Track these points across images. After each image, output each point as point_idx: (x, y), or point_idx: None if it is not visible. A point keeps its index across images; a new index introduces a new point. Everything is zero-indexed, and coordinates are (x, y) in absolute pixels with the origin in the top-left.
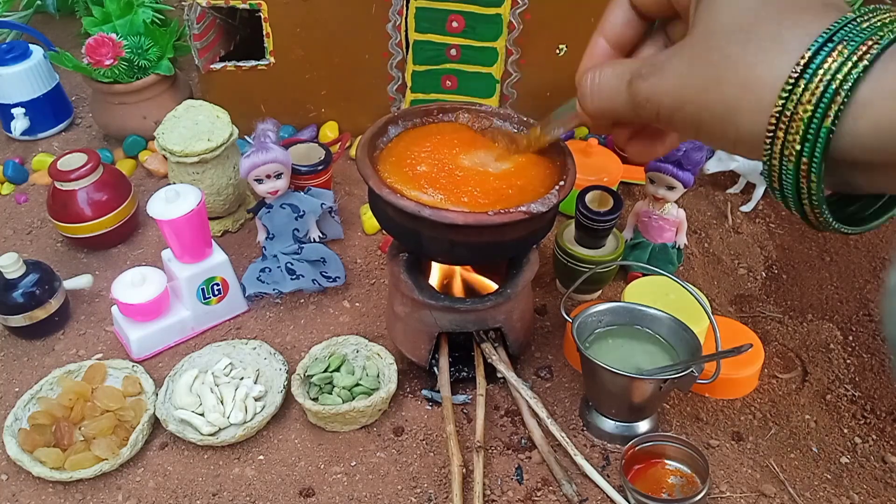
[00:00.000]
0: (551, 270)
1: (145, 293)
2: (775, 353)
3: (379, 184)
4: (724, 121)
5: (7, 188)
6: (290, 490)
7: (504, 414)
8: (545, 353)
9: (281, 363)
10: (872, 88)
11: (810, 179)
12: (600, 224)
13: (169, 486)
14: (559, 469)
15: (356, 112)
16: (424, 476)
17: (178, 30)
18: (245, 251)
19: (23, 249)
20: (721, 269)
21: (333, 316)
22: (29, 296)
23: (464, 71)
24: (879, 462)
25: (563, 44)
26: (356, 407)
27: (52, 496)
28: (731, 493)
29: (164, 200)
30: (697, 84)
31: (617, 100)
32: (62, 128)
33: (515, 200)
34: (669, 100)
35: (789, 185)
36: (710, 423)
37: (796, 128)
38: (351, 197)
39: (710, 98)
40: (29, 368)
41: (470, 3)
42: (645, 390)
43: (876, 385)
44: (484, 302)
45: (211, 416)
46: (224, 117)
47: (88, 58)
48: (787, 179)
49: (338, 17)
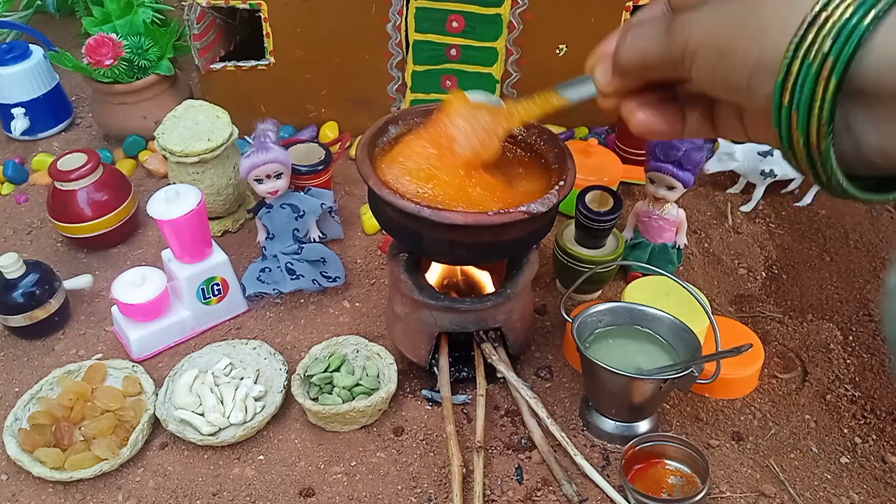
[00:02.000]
0: (551, 270)
1: (145, 293)
2: (775, 353)
3: (379, 184)
4: (754, 35)
5: (7, 188)
6: (290, 490)
7: (504, 414)
8: (545, 353)
9: (281, 363)
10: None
11: (828, 86)
12: (600, 224)
13: (169, 486)
14: (559, 469)
15: (356, 112)
16: (424, 476)
17: (178, 30)
18: (245, 251)
19: (23, 249)
20: (721, 269)
21: (333, 316)
22: (29, 296)
23: (464, 71)
24: (879, 462)
25: (563, 44)
26: (356, 407)
27: (52, 496)
28: (731, 493)
29: (164, 200)
30: (735, 6)
31: (654, 38)
32: (62, 128)
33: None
34: (704, 24)
35: (804, 97)
36: (710, 423)
37: (829, 29)
38: (351, 197)
39: (745, 14)
40: (29, 368)
41: (470, 3)
42: (645, 390)
43: (876, 385)
44: (484, 302)
45: (211, 416)
46: (224, 117)
47: (88, 58)
48: (804, 89)
49: (338, 17)
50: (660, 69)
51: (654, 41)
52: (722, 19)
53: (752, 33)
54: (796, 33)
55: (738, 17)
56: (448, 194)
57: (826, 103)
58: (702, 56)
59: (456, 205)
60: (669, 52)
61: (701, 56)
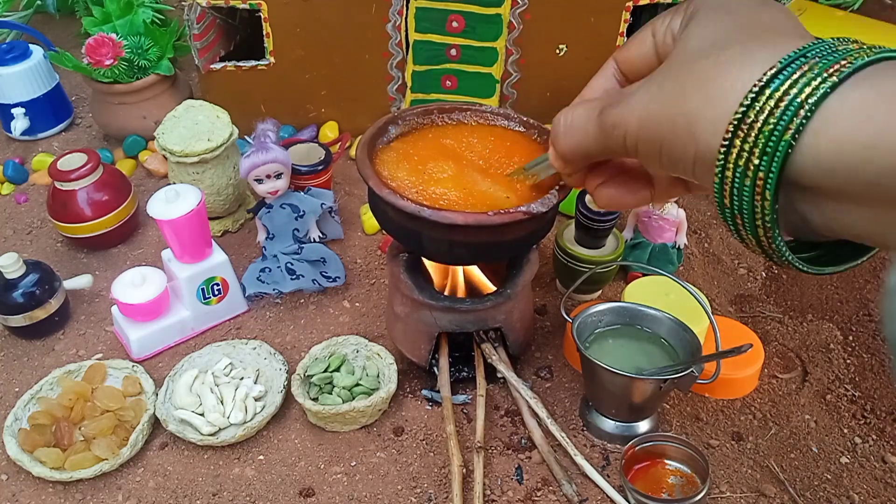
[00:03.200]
0: (551, 270)
1: (145, 293)
2: (775, 353)
3: (379, 184)
4: (686, 134)
5: (7, 188)
6: (290, 490)
7: (504, 414)
8: (545, 353)
9: (281, 363)
10: (838, 105)
11: (764, 197)
12: (600, 224)
13: (169, 486)
14: (559, 469)
15: (356, 112)
16: (424, 476)
17: (178, 30)
18: (245, 251)
19: (23, 249)
20: (721, 269)
21: (333, 316)
22: (29, 296)
23: (464, 71)
24: (879, 462)
25: (563, 44)
26: (356, 407)
27: (52, 496)
28: (731, 493)
29: (164, 200)
30: (663, 99)
31: (588, 133)
32: (62, 128)
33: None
34: (635, 120)
35: (744, 204)
36: (710, 423)
37: (755, 139)
38: (351, 197)
39: (673, 111)
40: (29, 368)
41: (470, 3)
42: (645, 390)
43: (876, 385)
44: (484, 302)
45: (211, 416)
46: (224, 117)
47: (88, 58)
48: (742, 197)
49: (338, 17)
50: (603, 156)
51: (589, 137)
52: (653, 112)
53: (683, 132)
54: (722, 144)
55: (667, 112)
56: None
57: (767, 211)
58: (643, 150)
59: (465, 201)
60: (608, 147)
61: (642, 150)
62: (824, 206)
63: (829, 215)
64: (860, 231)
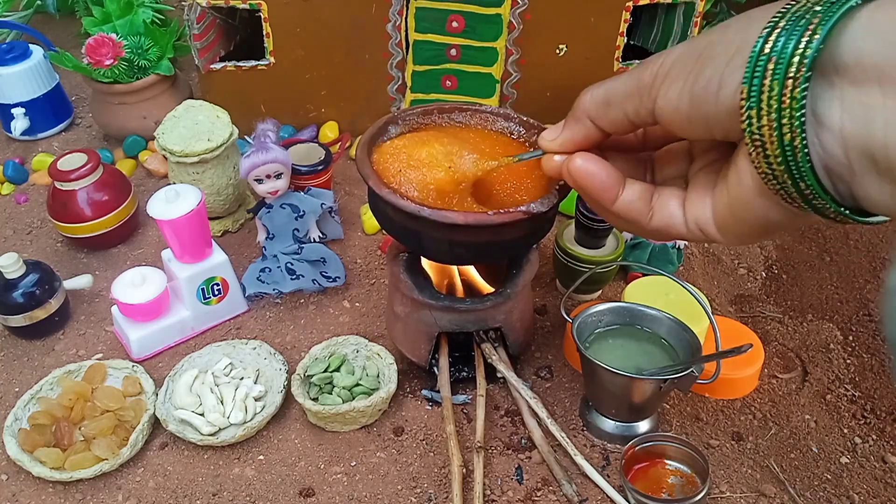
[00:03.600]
0: (551, 270)
1: (145, 293)
2: (775, 353)
3: (379, 183)
4: (712, 79)
5: (7, 188)
6: (290, 490)
7: (504, 414)
8: (545, 353)
9: (281, 363)
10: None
11: (796, 83)
12: (600, 224)
13: (169, 486)
14: (559, 469)
15: (356, 112)
16: (424, 476)
17: (178, 30)
18: (245, 251)
19: (23, 249)
20: (721, 269)
21: (333, 316)
22: (29, 296)
23: (464, 71)
24: (879, 462)
25: (563, 44)
26: (356, 407)
27: (52, 496)
28: (731, 493)
29: (164, 200)
30: (693, 51)
31: (619, 81)
32: (62, 128)
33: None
34: (678, 50)
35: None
36: (710, 423)
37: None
38: (351, 197)
39: (704, 56)
40: (29, 368)
41: (470, 3)
42: (645, 390)
43: (876, 385)
44: (484, 302)
45: (211, 416)
46: (224, 117)
47: (88, 58)
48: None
49: (338, 17)
50: (622, 103)
51: (621, 80)
52: (682, 58)
53: (710, 76)
54: (760, 34)
55: (698, 59)
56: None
57: (796, 98)
58: (676, 69)
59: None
60: (640, 80)
61: (675, 70)
62: (849, 99)
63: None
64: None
